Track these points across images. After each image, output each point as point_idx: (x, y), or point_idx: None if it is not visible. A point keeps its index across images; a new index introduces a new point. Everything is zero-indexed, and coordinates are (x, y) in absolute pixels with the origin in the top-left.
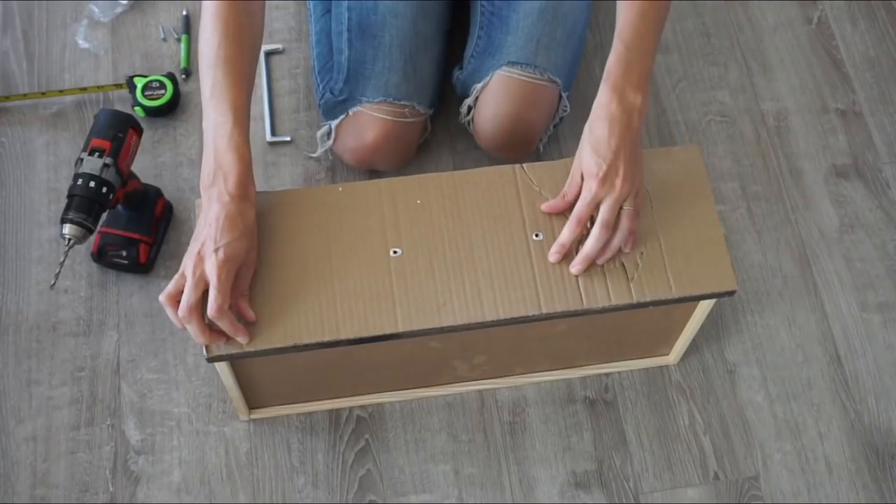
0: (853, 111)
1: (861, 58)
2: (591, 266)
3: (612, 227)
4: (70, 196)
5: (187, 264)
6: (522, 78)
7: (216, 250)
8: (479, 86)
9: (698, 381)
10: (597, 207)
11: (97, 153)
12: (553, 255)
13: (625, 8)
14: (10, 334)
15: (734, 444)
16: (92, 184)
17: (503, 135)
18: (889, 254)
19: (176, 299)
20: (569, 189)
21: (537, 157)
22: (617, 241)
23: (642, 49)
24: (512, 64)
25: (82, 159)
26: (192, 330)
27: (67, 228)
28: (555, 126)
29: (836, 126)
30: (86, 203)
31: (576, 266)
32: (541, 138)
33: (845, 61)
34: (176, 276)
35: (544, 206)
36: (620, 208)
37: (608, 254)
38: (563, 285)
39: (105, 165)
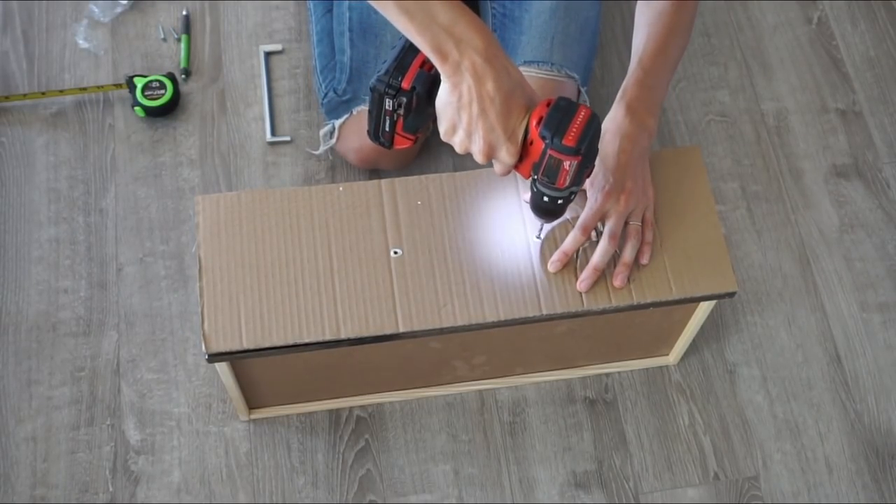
0: (853, 111)
1: (861, 58)
2: (599, 280)
3: (619, 239)
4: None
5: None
6: (541, 76)
7: (508, 138)
8: None
9: (698, 381)
10: (602, 219)
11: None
12: (554, 263)
13: (647, 37)
14: (10, 334)
15: (734, 444)
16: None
17: None
18: (889, 254)
19: None
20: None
21: None
22: (628, 256)
23: (660, 79)
24: (528, 63)
25: None
26: None
27: None
28: None
29: (836, 126)
30: None
31: (583, 282)
32: None
33: (845, 61)
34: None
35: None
36: (627, 222)
37: (621, 269)
38: (564, 286)
39: None
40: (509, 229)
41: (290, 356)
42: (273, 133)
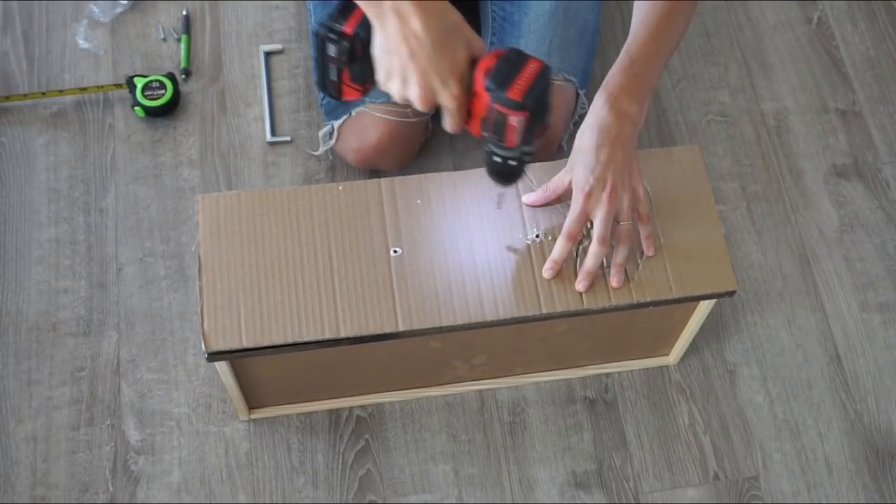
0: (853, 111)
1: (861, 58)
2: (599, 280)
3: (609, 241)
4: None
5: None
6: None
7: (444, 81)
8: None
9: (698, 381)
10: (588, 222)
11: None
12: (546, 271)
13: (639, 23)
14: (10, 334)
15: (734, 444)
16: None
17: None
18: (889, 254)
19: None
20: (551, 183)
21: (560, 154)
22: (619, 258)
23: (647, 64)
24: None
25: None
26: None
27: None
28: (574, 123)
29: (836, 126)
30: None
31: (579, 283)
32: (562, 136)
33: (845, 61)
34: None
35: (525, 199)
36: (618, 222)
37: (615, 270)
38: (563, 285)
39: None
40: (509, 229)
41: (289, 355)
42: (273, 133)
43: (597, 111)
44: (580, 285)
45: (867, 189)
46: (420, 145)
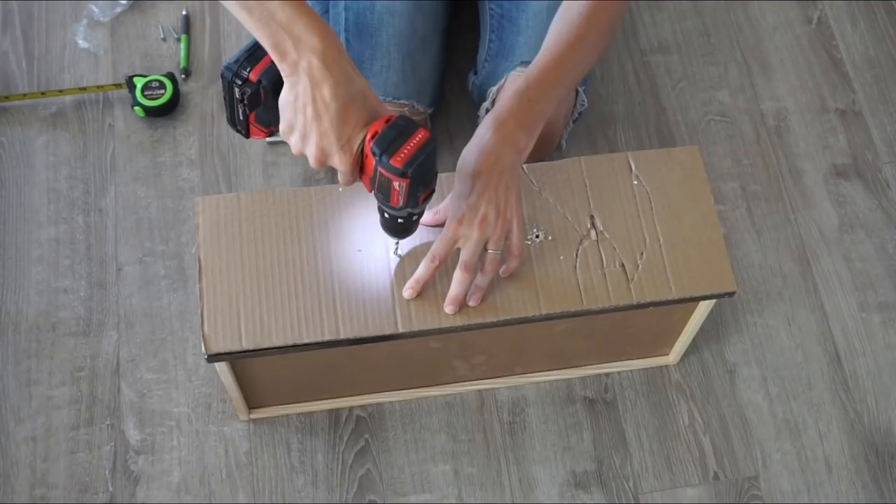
0: (853, 111)
1: (861, 58)
2: (598, 279)
3: (474, 268)
4: None
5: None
6: None
7: (341, 147)
8: (494, 89)
9: (698, 381)
10: (454, 246)
11: None
12: (406, 290)
13: (546, 46)
14: (10, 334)
15: (734, 444)
16: None
17: None
18: (889, 254)
19: None
20: (441, 206)
21: (560, 153)
22: (480, 282)
23: (544, 92)
24: (525, 64)
25: None
26: None
27: None
28: (574, 121)
29: (836, 126)
30: None
31: (447, 307)
32: (561, 134)
33: (845, 61)
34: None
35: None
36: (486, 249)
37: (475, 290)
38: (563, 285)
39: None
40: None
41: (289, 356)
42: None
43: (481, 134)
44: (447, 309)
45: (867, 189)
46: None
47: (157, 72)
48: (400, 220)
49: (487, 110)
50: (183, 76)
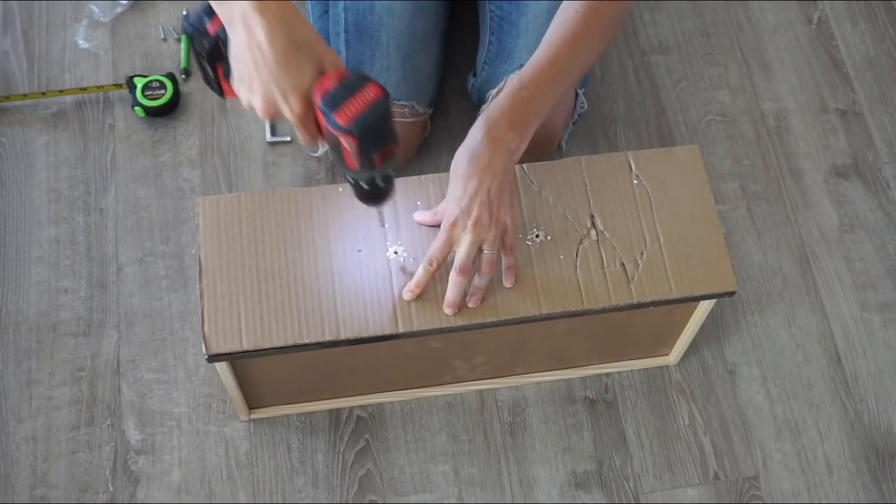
0: (853, 111)
1: (861, 58)
2: (598, 279)
3: (470, 271)
4: None
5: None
6: None
7: (286, 96)
8: (494, 91)
9: (698, 381)
10: (450, 249)
11: None
12: (406, 293)
13: (543, 44)
14: (10, 334)
15: (734, 444)
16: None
17: None
18: (889, 254)
19: None
20: (440, 207)
21: (560, 153)
22: (478, 283)
23: (538, 92)
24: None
25: None
26: None
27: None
28: (573, 123)
29: (836, 126)
30: None
31: (445, 309)
32: (561, 136)
33: (845, 61)
34: None
35: (416, 216)
36: (481, 251)
37: (475, 291)
38: (564, 285)
39: None
40: None
41: (290, 356)
42: (273, 133)
43: (472, 135)
44: (446, 311)
45: (867, 189)
46: (418, 146)
47: (157, 72)
48: (365, 186)
49: None
50: (183, 76)
